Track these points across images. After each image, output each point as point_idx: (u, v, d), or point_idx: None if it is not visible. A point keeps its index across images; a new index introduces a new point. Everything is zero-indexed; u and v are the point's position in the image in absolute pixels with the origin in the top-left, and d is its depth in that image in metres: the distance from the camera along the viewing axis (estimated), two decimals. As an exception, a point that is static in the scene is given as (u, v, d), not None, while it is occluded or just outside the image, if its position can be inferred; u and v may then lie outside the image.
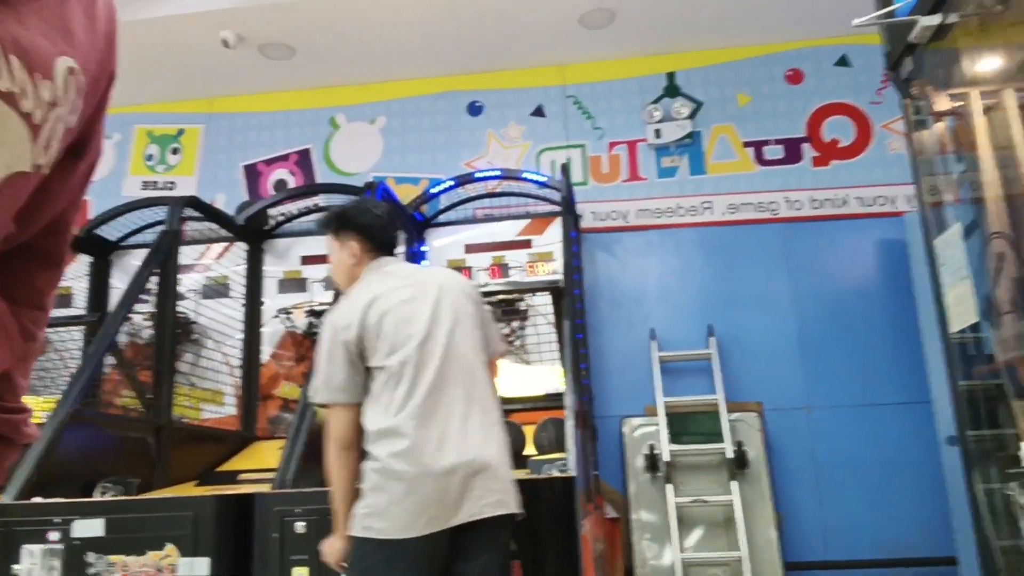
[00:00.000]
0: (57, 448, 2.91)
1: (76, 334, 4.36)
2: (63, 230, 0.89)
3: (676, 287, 4.73)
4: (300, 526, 2.54)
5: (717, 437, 4.19)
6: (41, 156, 0.68)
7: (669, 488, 4.08)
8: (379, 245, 2.37)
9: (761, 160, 4.91)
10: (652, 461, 4.20)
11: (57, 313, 4.71)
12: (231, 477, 3.61)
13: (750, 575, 3.87)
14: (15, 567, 2.52)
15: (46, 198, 0.78)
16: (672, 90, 5.10)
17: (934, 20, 3.33)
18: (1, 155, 0.62)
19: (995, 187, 3.20)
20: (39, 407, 4.18)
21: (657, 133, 4.97)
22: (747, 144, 4.94)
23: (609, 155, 5.04)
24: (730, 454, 4.09)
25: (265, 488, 2.74)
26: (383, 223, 2.40)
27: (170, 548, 2.52)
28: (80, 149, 0.83)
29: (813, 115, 4.93)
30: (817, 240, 4.65)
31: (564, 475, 2.66)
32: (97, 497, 2.95)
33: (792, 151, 4.90)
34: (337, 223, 2.39)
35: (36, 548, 2.52)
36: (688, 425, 4.31)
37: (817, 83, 4.97)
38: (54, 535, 2.55)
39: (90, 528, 2.56)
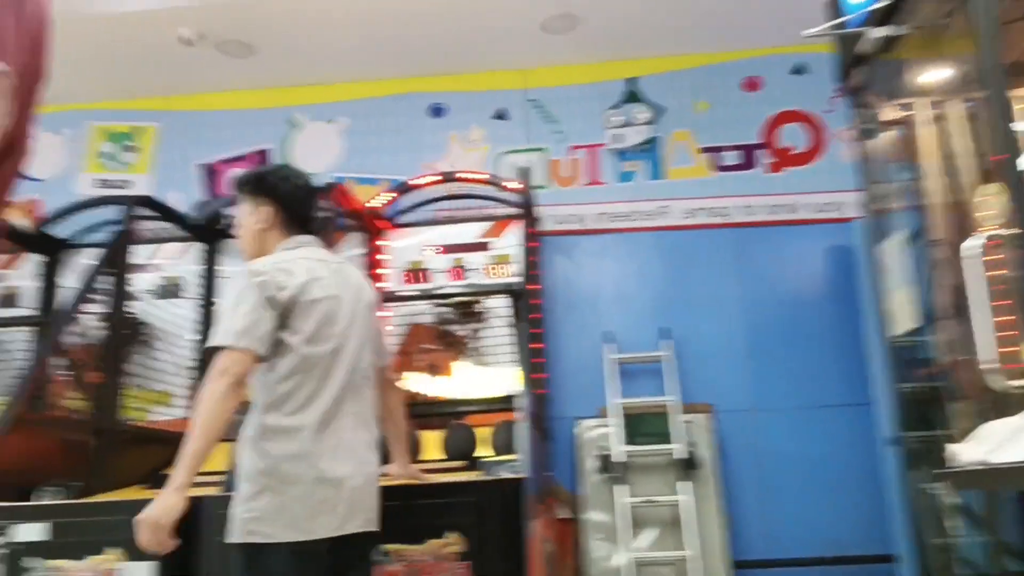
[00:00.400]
0: (-4, 451, 2.86)
1: (24, 335, 4.28)
2: None
3: (632, 290, 4.78)
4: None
5: (668, 438, 4.24)
6: None
7: (619, 489, 4.12)
8: (293, 217, 2.29)
9: (718, 166, 4.98)
10: (604, 462, 4.23)
11: (3, 313, 4.62)
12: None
13: (700, 574, 3.93)
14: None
15: None
16: (632, 95, 5.16)
17: (882, 32, 3.42)
18: None
19: (938, 195, 3.30)
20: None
21: (617, 138, 5.02)
22: (704, 150, 5.01)
23: (570, 159, 5.08)
24: (682, 455, 4.14)
25: (213, 491, 2.72)
26: (303, 195, 2.33)
27: (111, 553, 2.49)
28: (9, 150, 0.84)
29: (769, 122, 5.02)
30: (768, 245, 4.74)
31: (515, 476, 2.67)
32: (34, 501, 2.89)
33: (747, 157, 4.98)
34: (254, 185, 2.31)
35: (-29, 553, 2.47)
36: (641, 426, 4.35)
37: (773, 90, 5.06)
38: (-9, 539, 2.51)
39: (30, 533, 2.52)
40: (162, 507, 1.87)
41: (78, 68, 5.09)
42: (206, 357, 2.10)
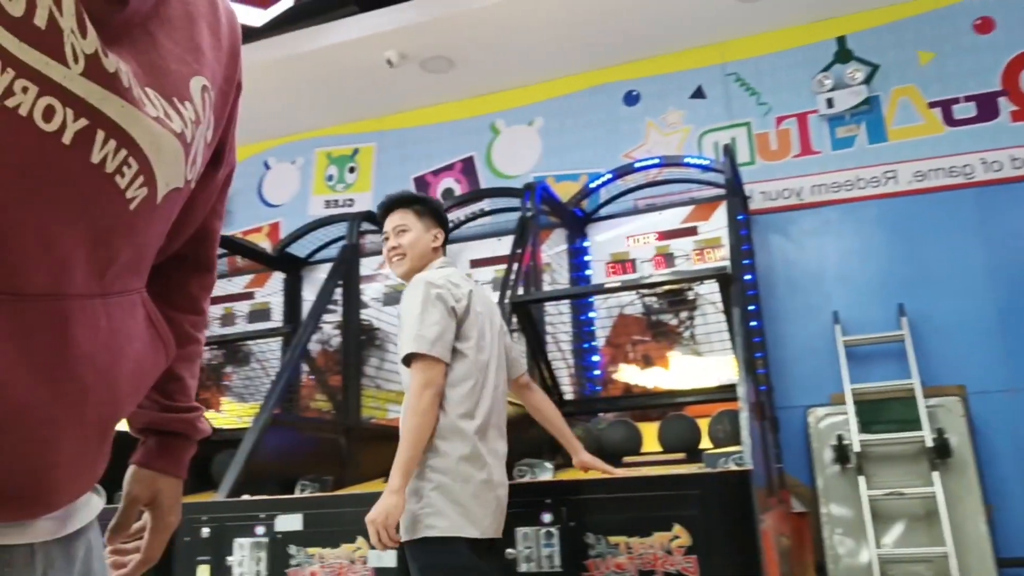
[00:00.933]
0: (260, 449, 3.21)
1: (274, 345, 4.78)
2: (208, 237, 0.98)
3: (859, 266, 4.41)
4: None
5: (913, 425, 3.86)
6: (191, 171, 0.76)
7: (861, 480, 3.81)
8: (446, 243, 2.54)
9: (950, 121, 4.46)
10: (841, 452, 3.94)
11: (257, 326, 5.20)
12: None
13: (957, 572, 3.53)
14: (228, 559, 2.81)
15: (191, 209, 0.86)
16: (843, 55, 4.76)
17: None
18: (161, 173, 0.70)
19: None
20: (244, 413, 4.63)
21: (829, 103, 4.66)
22: (932, 104, 4.51)
23: (777, 131, 4.79)
24: (929, 442, 3.75)
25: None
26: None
27: (361, 540, 2.70)
28: (217, 161, 0.91)
29: (1008, 66, 4.41)
30: (1018, 204, 4.16)
31: (740, 468, 2.56)
32: (297, 494, 3.22)
33: (986, 108, 4.41)
34: (434, 210, 2.54)
35: (245, 541, 2.79)
36: (880, 413, 4.01)
37: (1010, 31, 4.44)
38: (260, 529, 2.82)
39: (291, 523, 2.80)
40: (384, 509, 2.02)
41: (302, 101, 5.61)
42: (406, 361, 2.24)
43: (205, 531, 2.90)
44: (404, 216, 2.51)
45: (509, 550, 2.55)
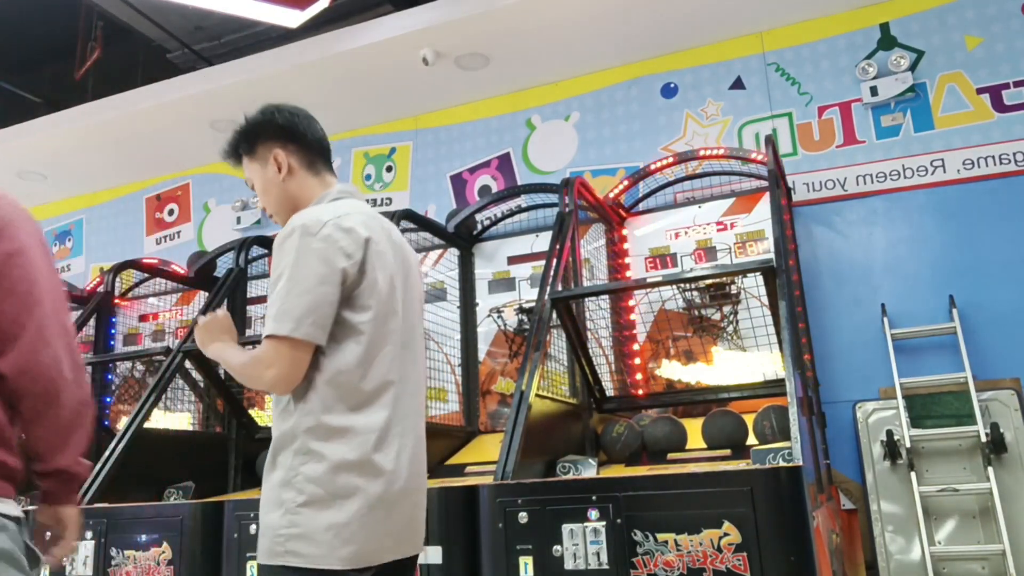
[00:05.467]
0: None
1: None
2: None
3: (907, 257, 4.31)
4: (523, 516, 2.62)
5: (967, 419, 3.76)
6: None
7: (913, 476, 3.72)
8: (314, 149, 1.89)
9: (999, 107, 4.34)
10: (892, 447, 3.86)
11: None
12: (459, 470, 3.81)
13: (1013, 571, 3.44)
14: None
15: None
16: (887, 42, 4.65)
17: None
18: None
19: None
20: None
21: (873, 91, 4.55)
22: (981, 90, 4.38)
23: (819, 121, 4.70)
24: (983, 437, 3.65)
25: (488, 480, 2.86)
26: (307, 120, 1.91)
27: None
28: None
29: (1064, 46, 4.27)
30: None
31: (790, 464, 2.52)
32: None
33: (1039, 91, 4.28)
34: (247, 134, 1.91)
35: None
36: (931, 407, 3.91)
37: (1066, 9, 4.31)
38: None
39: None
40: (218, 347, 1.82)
41: (338, 101, 5.65)
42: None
43: (253, 528, 2.93)
44: (245, 168, 1.95)
45: (556, 547, 2.53)
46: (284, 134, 1.89)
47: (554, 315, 3.49)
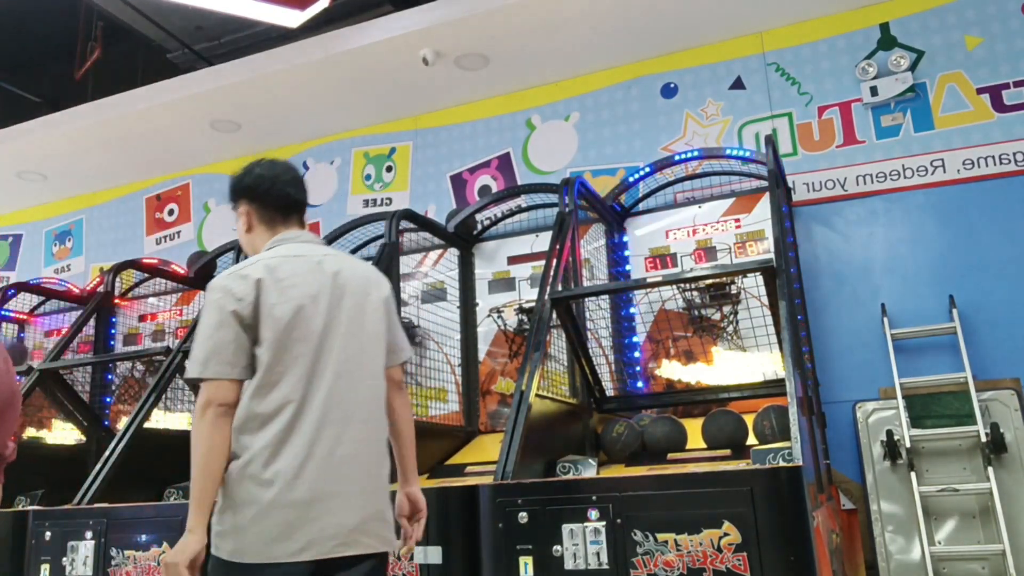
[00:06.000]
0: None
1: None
2: None
3: (907, 257, 4.31)
4: (523, 516, 2.62)
5: (967, 419, 3.76)
6: None
7: (913, 476, 3.72)
8: (269, 211, 2.12)
9: (1000, 107, 4.34)
10: (892, 447, 3.86)
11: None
12: (459, 470, 3.81)
13: (1013, 571, 3.44)
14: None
15: None
16: (887, 42, 4.65)
17: None
18: None
19: None
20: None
21: (873, 91, 4.55)
22: (981, 90, 4.39)
23: (819, 121, 4.70)
24: (984, 437, 3.65)
25: (488, 480, 2.86)
26: (273, 186, 2.12)
27: (406, 537, 2.70)
28: None
29: (1064, 46, 4.27)
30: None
31: (790, 464, 2.52)
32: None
33: (1039, 91, 4.28)
34: (230, 189, 2.18)
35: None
36: (931, 407, 3.91)
37: (1066, 8, 4.31)
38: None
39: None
40: (179, 548, 1.80)
41: (339, 101, 5.65)
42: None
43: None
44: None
45: (556, 547, 2.53)
46: (249, 193, 2.15)
47: (554, 315, 3.49)
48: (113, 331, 5.72)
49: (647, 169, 4.57)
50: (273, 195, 2.13)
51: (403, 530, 2.13)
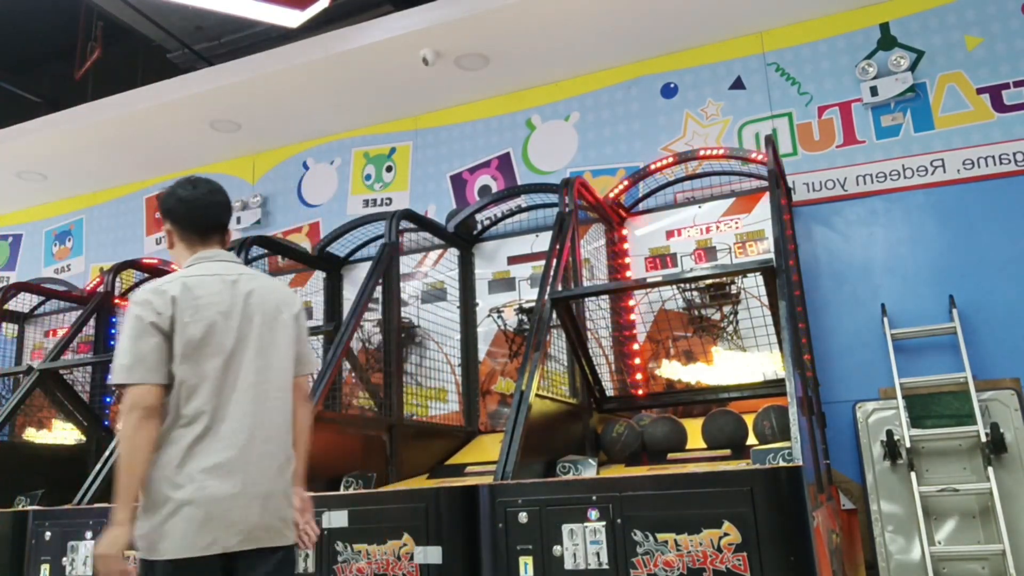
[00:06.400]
0: (305, 446, 3.24)
1: (316, 343, 4.82)
2: None
3: (907, 257, 4.31)
4: (523, 517, 2.62)
5: (967, 419, 3.76)
6: None
7: (913, 476, 3.72)
8: (189, 231, 2.27)
9: (1000, 107, 4.34)
10: (892, 447, 3.86)
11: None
12: (459, 470, 3.81)
13: (1013, 570, 3.44)
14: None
15: None
16: (887, 41, 4.66)
17: None
18: None
19: None
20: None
21: (873, 91, 4.55)
22: (981, 91, 4.39)
23: (819, 121, 4.70)
24: (984, 437, 3.65)
25: (488, 480, 2.86)
26: (191, 208, 2.27)
27: (407, 537, 2.71)
28: None
29: (1064, 46, 4.27)
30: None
31: (790, 464, 2.52)
32: (343, 491, 3.24)
33: (1039, 91, 4.28)
34: (159, 208, 2.37)
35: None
36: (931, 407, 3.91)
37: (1066, 9, 4.31)
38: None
39: (337, 519, 2.82)
40: (108, 542, 1.95)
41: (339, 101, 5.65)
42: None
43: (253, 528, 2.92)
44: None
45: (556, 547, 2.53)
46: (170, 215, 2.31)
47: (554, 315, 3.49)
48: (113, 331, 5.71)
49: (647, 169, 4.57)
50: (190, 218, 2.29)
51: (299, 525, 2.29)
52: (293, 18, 4.64)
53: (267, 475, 2.13)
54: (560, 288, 3.55)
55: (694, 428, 3.62)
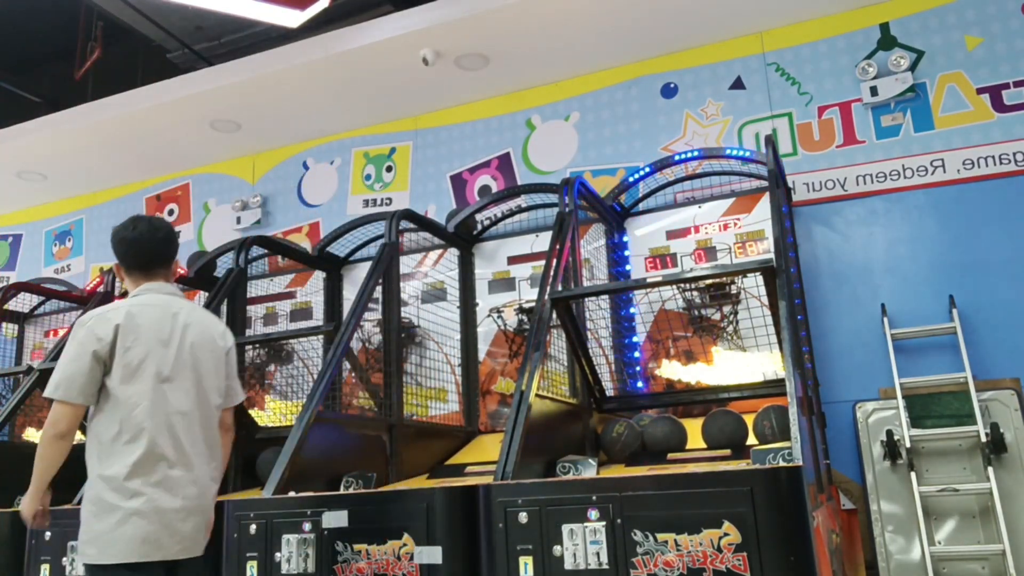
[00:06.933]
0: (304, 447, 3.24)
1: (316, 343, 4.83)
2: None
3: (907, 257, 4.31)
4: (523, 517, 2.62)
5: (967, 419, 3.76)
6: None
7: (912, 476, 3.72)
8: (133, 268, 2.58)
9: (1000, 107, 4.34)
10: (892, 447, 3.86)
11: (298, 325, 5.26)
12: (459, 470, 3.81)
13: (1014, 571, 3.44)
14: (276, 555, 2.83)
15: None
16: (887, 42, 4.65)
17: None
18: None
19: None
20: (288, 411, 4.68)
21: (873, 91, 4.55)
22: (981, 91, 4.39)
23: (819, 121, 4.70)
24: (984, 437, 3.65)
25: (488, 480, 2.86)
26: (133, 247, 2.58)
27: (407, 537, 2.71)
28: None
29: (1064, 46, 4.27)
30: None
31: (790, 464, 2.52)
32: (343, 491, 3.24)
33: (1039, 91, 4.28)
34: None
35: (293, 538, 2.82)
36: (931, 407, 3.91)
37: (1066, 8, 4.31)
38: (307, 526, 2.84)
39: (337, 519, 2.82)
40: (24, 510, 2.46)
41: (339, 101, 5.65)
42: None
43: (253, 528, 2.93)
44: None
45: (556, 547, 2.53)
46: (116, 252, 2.64)
47: (554, 315, 3.49)
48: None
49: (647, 169, 4.57)
50: (132, 256, 2.60)
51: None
52: (293, 18, 4.64)
53: (201, 491, 2.44)
54: (560, 288, 3.55)
55: (694, 428, 3.62)
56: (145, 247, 2.60)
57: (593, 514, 2.52)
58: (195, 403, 2.46)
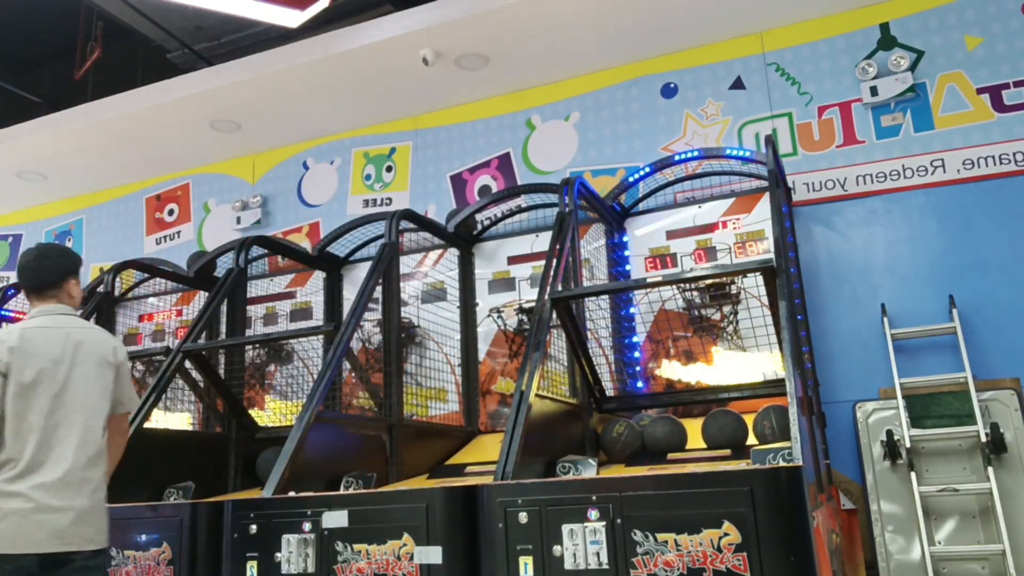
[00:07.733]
0: (304, 447, 3.24)
1: (316, 343, 4.82)
2: None
3: (907, 257, 4.31)
4: (523, 517, 2.62)
5: (967, 419, 3.76)
6: None
7: (913, 476, 3.73)
8: (29, 292, 2.79)
9: (1000, 107, 4.34)
10: (892, 447, 3.86)
11: (298, 325, 5.26)
12: (459, 470, 3.81)
13: (1013, 570, 3.44)
14: (277, 555, 2.83)
15: None
16: (887, 42, 4.66)
17: None
18: None
19: None
20: (288, 411, 4.68)
21: (873, 91, 4.55)
22: (981, 90, 4.39)
23: (819, 121, 4.70)
24: (984, 437, 3.65)
25: (488, 480, 2.86)
26: (26, 272, 2.79)
27: (407, 537, 2.71)
28: None
29: (1064, 46, 4.27)
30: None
31: (790, 464, 2.52)
32: (342, 491, 3.24)
33: (1038, 92, 4.28)
34: None
35: (293, 538, 2.82)
36: (931, 407, 3.91)
37: (1066, 8, 4.31)
38: (307, 526, 2.84)
39: (337, 519, 2.82)
40: None
41: (339, 101, 5.65)
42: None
43: (253, 528, 2.93)
44: None
45: (556, 547, 2.53)
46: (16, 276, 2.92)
47: (554, 315, 3.49)
48: (112, 332, 5.71)
49: (647, 169, 4.57)
50: (23, 281, 2.83)
51: None
52: (293, 18, 4.64)
53: (83, 493, 2.59)
54: (560, 288, 3.55)
55: (694, 428, 3.62)
56: (33, 273, 2.80)
57: (593, 514, 2.52)
58: (85, 415, 2.66)
